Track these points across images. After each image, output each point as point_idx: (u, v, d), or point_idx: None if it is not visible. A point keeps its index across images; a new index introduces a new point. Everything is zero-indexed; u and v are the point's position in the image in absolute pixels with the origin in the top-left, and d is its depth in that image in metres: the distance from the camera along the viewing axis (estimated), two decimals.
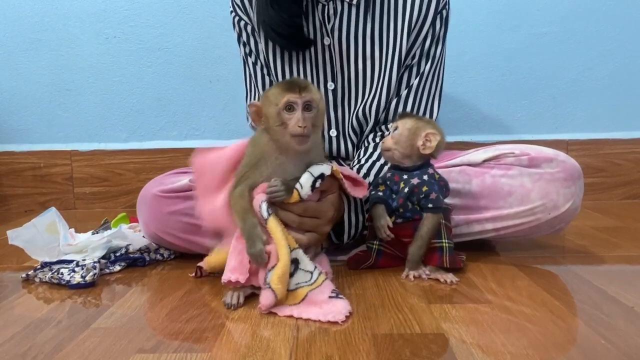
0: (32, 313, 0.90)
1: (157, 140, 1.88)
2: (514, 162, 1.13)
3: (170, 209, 1.13)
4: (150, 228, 1.15)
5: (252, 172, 0.96)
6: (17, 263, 1.21)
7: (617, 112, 1.84)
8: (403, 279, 1.02)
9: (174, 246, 1.17)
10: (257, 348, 0.74)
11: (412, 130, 1.04)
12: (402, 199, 1.04)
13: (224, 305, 0.90)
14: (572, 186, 1.11)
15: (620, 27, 1.80)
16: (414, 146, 1.04)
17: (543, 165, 1.12)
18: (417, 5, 1.21)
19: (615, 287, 0.95)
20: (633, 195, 1.84)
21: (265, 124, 0.96)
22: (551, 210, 1.10)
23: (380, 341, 0.75)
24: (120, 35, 1.85)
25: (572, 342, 0.74)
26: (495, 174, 1.13)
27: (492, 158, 1.16)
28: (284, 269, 0.88)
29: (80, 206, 1.88)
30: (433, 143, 1.03)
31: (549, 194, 1.10)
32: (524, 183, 1.11)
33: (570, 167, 1.12)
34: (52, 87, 1.87)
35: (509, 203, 1.12)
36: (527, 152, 1.13)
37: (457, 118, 1.84)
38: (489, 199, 1.13)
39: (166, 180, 1.18)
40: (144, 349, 0.75)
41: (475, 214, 1.14)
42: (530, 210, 1.11)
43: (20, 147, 1.88)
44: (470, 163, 1.17)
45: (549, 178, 1.11)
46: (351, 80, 1.25)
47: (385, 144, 1.06)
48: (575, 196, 1.12)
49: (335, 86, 1.25)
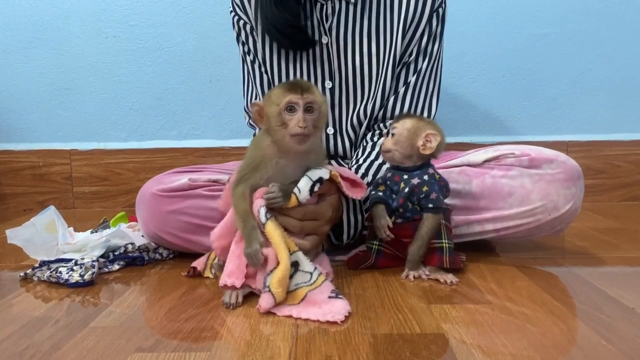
0: (30, 312, 0.90)
1: (156, 140, 1.87)
2: (515, 163, 1.13)
3: (169, 208, 1.12)
4: (149, 227, 1.14)
5: (252, 173, 0.96)
6: (16, 262, 1.20)
7: (617, 114, 1.84)
8: (403, 279, 1.02)
9: (173, 245, 1.17)
10: (257, 347, 0.74)
11: (412, 131, 1.04)
12: (402, 199, 1.03)
13: (223, 305, 0.90)
14: (572, 187, 1.11)
15: (620, 29, 1.80)
16: (414, 146, 1.04)
17: (543, 166, 1.11)
18: (413, 3, 1.22)
19: (615, 289, 0.94)
20: (633, 196, 1.84)
21: (266, 124, 0.95)
22: (551, 211, 1.10)
23: (380, 341, 0.74)
24: (120, 34, 1.85)
25: (573, 343, 0.74)
26: (496, 175, 1.13)
27: (492, 159, 1.15)
28: (284, 272, 0.88)
29: (79, 205, 1.88)
30: (433, 143, 1.03)
31: (550, 195, 1.10)
32: (524, 184, 1.11)
33: (571, 168, 1.12)
34: (51, 86, 1.87)
35: (509, 204, 1.12)
36: (528, 152, 1.13)
37: (457, 119, 1.84)
38: (489, 199, 1.13)
39: (165, 179, 1.17)
40: (142, 347, 0.74)
41: (476, 215, 1.14)
42: (531, 211, 1.10)
43: (19, 146, 1.88)
44: (471, 163, 1.17)
45: (549, 179, 1.10)
46: (349, 78, 1.25)
47: (385, 145, 1.06)
48: (576, 197, 1.11)
49: (333, 85, 1.26)
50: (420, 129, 1.04)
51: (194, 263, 1.07)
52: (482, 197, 1.13)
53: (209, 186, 1.16)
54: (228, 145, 1.86)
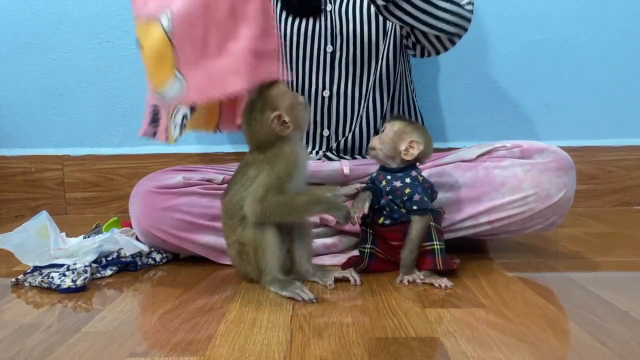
0: (21, 317, 0.89)
1: (149, 146, 1.86)
2: (507, 155, 1.15)
3: (163, 204, 1.12)
4: (143, 224, 1.14)
5: (289, 183, 0.98)
6: (7, 267, 1.19)
7: (610, 119, 1.85)
8: (397, 283, 1.02)
9: (166, 244, 1.16)
10: (250, 352, 0.73)
11: (398, 134, 1.05)
12: (386, 197, 1.04)
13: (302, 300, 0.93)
14: (564, 176, 1.12)
15: (612, 35, 1.82)
16: (396, 149, 1.05)
17: (535, 156, 1.13)
18: None
19: (609, 292, 0.94)
20: (626, 202, 1.84)
21: (294, 125, 1.00)
22: (544, 199, 1.10)
23: (375, 345, 0.74)
24: (113, 39, 1.84)
25: (568, 346, 0.74)
26: (488, 166, 1.15)
27: (484, 153, 1.17)
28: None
29: (71, 211, 1.87)
30: (415, 151, 1.03)
31: (542, 183, 1.11)
32: (516, 173, 1.12)
33: (562, 157, 1.13)
34: (44, 92, 1.85)
35: (501, 194, 1.12)
36: (519, 144, 1.16)
37: (451, 124, 1.85)
38: (482, 190, 1.13)
39: (159, 177, 1.17)
40: (135, 352, 0.74)
41: (469, 207, 1.14)
42: (523, 200, 1.11)
43: (11, 151, 1.86)
44: (464, 160, 1.18)
45: (541, 168, 1.11)
46: (349, 43, 1.31)
47: (372, 143, 1.07)
48: (568, 186, 1.12)
49: (334, 49, 1.31)
50: (405, 133, 1.04)
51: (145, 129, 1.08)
52: (475, 188, 1.14)
53: (203, 184, 1.16)
54: (222, 150, 1.85)
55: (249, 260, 1.01)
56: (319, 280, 1.03)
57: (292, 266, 1.05)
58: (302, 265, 1.04)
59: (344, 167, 1.29)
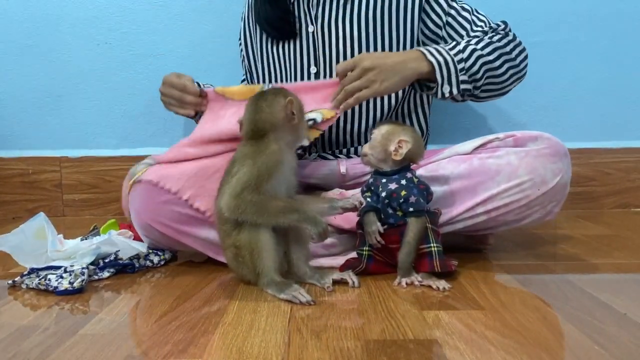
0: (18, 320, 0.88)
1: (147, 147, 1.86)
2: (500, 145, 1.16)
3: (163, 197, 1.12)
4: (142, 217, 1.14)
5: (267, 182, 0.98)
6: (4, 269, 1.19)
7: (608, 122, 1.85)
8: (395, 286, 1.01)
9: (165, 238, 1.15)
10: (248, 354, 0.73)
11: (386, 136, 1.06)
12: (381, 204, 1.04)
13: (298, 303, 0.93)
14: (558, 162, 1.13)
15: (610, 37, 1.82)
16: (387, 151, 1.05)
17: (528, 144, 1.14)
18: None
19: (607, 294, 0.94)
20: (623, 204, 1.85)
21: (298, 119, 1.04)
22: (540, 185, 1.11)
23: (373, 347, 0.74)
24: (111, 41, 1.84)
25: (566, 348, 0.74)
26: (483, 157, 1.15)
27: (479, 146, 1.18)
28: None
29: (69, 213, 1.86)
30: (403, 150, 1.04)
31: (536, 169, 1.11)
32: (510, 161, 1.13)
33: (555, 144, 1.15)
34: (42, 93, 1.85)
35: (497, 182, 1.12)
36: (512, 134, 1.17)
37: (448, 126, 1.84)
38: (477, 179, 1.13)
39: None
40: (132, 355, 0.73)
41: (465, 198, 1.14)
42: (519, 186, 1.11)
43: (8, 153, 1.86)
44: (459, 154, 1.19)
45: (535, 154, 1.12)
46: (332, 63, 1.32)
47: (363, 150, 1.08)
48: (563, 172, 1.13)
49: (318, 70, 1.33)
50: (393, 134, 1.05)
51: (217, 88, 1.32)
52: (470, 178, 1.14)
53: None
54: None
55: (245, 264, 1.00)
56: (316, 283, 1.02)
57: (289, 268, 1.05)
58: (299, 267, 1.04)
59: (341, 166, 1.30)
